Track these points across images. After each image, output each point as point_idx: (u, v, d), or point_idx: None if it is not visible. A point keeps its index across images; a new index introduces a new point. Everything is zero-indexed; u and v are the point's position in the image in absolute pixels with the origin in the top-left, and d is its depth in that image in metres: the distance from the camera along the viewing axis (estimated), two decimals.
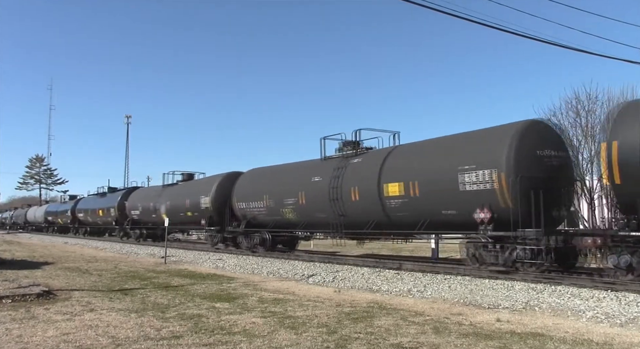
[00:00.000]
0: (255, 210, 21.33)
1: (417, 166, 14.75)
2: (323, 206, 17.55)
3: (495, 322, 8.18)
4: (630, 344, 6.79)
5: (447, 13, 11.30)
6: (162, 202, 29.38)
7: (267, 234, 20.92)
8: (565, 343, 6.75)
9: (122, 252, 26.53)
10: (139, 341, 6.75)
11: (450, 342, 6.76)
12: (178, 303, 9.93)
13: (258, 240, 21.31)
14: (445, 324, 7.99)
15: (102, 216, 39.28)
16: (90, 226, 43.96)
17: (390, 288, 12.14)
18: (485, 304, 9.88)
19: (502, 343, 6.75)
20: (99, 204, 40.26)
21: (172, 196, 28.76)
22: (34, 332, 7.31)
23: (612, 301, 9.24)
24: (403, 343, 6.69)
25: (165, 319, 8.30)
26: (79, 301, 10.15)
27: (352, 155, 17.62)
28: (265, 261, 18.52)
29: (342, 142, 18.53)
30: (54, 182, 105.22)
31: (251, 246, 21.70)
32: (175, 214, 27.01)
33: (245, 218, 22.03)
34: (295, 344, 6.63)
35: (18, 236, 51.95)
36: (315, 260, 18.04)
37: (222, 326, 7.73)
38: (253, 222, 21.68)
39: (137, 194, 35.16)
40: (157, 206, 29.83)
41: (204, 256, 21.33)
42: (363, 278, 13.65)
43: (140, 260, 21.89)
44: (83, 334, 7.19)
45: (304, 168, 19.72)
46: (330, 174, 17.42)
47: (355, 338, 6.98)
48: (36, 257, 22.04)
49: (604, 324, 8.10)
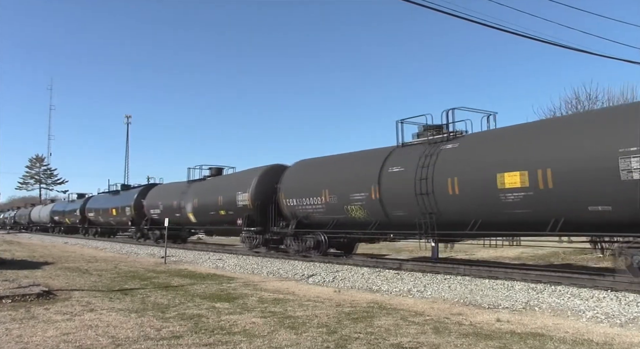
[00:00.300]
0: (310, 208, 18.36)
1: (548, 150, 11.65)
2: (405, 202, 14.61)
3: (495, 322, 8.18)
4: (630, 344, 6.79)
5: (447, 13, 11.31)
6: (188, 200, 26.42)
7: (322, 235, 17.98)
8: (565, 343, 6.75)
9: (122, 252, 26.52)
10: (139, 341, 6.75)
11: (450, 342, 6.76)
12: (178, 303, 9.93)
13: (312, 243, 18.29)
14: (445, 324, 7.99)
15: (115, 216, 36.42)
16: (101, 227, 41.36)
17: (390, 288, 12.14)
18: (485, 304, 9.88)
19: (502, 343, 6.75)
20: (112, 203, 37.36)
21: (200, 193, 25.77)
22: (34, 332, 7.31)
23: (612, 301, 9.24)
24: (403, 343, 6.69)
25: (165, 319, 8.30)
26: (79, 301, 10.15)
27: (443, 140, 14.55)
28: (265, 261, 18.52)
29: (424, 125, 15.75)
30: (54, 182, 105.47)
31: (302, 249, 18.80)
32: (205, 213, 24.70)
33: (296, 217, 19.02)
34: (295, 344, 6.63)
35: (18, 236, 51.92)
36: (315, 260, 18.02)
37: (222, 326, 7.73)
38: (305, 222, 18.76)
39: (157, 191, 32.15)
40: (182, 205, 26.88)
41: (204, 256, 21.32)
42: (363, 278, 13.64)
43: (140, 260, 21.88)
44: (83, 334, 7.19)
45: (376, 156, 16.40)
46: (416, 163, 14.38)
47: (355, 338, 6.98)
48: (36, 257, 22.03)
49: (604, 324, 8.10)
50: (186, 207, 26.45)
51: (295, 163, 20.64)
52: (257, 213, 20.79)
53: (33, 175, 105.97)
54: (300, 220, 18.88)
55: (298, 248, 19.02)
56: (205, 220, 24.98)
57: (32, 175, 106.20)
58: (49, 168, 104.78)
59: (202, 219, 25.37)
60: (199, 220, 25.82)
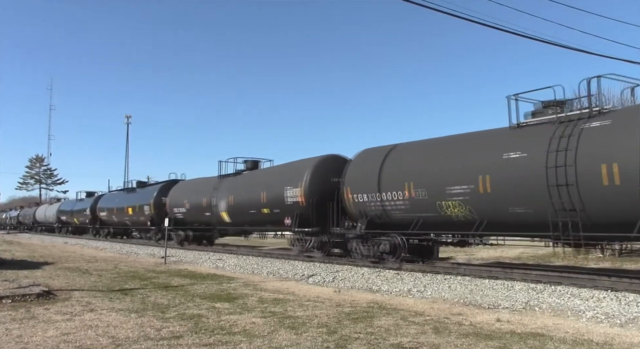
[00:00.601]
0: (386, 205, 15.28)
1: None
2: (528, 196, 11.75)
3: (495, 322, 8.18)
4: (630, 344, 6.79)
5: (447, 13, 11.31)
6: (221, 197, 23.46)
7: (399, 238, 15.11)
8: (565, 343, 6.75)
9: (122, 252, 26.52)
10: (139, 341, 6.75)
11: (450, 342, 6.76)
12: (178, 303, 9.93)
13: (387, 247, 15.38)
14: (445, 324, 7.99)
15: (131, 216, 33.26)
16: (114, 227, 38.12)
17: (390, 288, 12.14)
18: (485, 304, 9.88)
19: (502, 343, 6.75)
20: (128, 201, 34.21)
21: (236, 189, 22.79)
22: (34, 332, 7.31)
23: (612, 301, 9.24)
24: (403, 343, 6.69)
25: (165, 319, 8.30)
26: (79, 301, 10.15)
27: (583, 117, 11.48)
28: (265, 261, 18.52)
29: (543, 102, 12.82)
30: (54, 182, 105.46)
31: (373, 254, 15.88)
32: (242, 212, 21.87)
33: (365, 216, 15.98)
34: (295, 344, 6.63)
35: (18, 236, 51.87)
36: (315, 260, 18.02)
37: (222, 326, 7.73)
38: (378, 221, 15.81)
39: (182, 188, 28.90)
40: (214, 203, 23.93)
41: (204, 256, 21.32)
42: (363, 278, 13.64)
43: (140, 260, 21.88)
44: (83, 334, 7.19)
45: (484, 140, 13.59)
46: (544, 147, 11.53)
47: (355, 338, 6.98)
48: (36, 257, 22.03)
49: (604, 324, 8.10)
50: (219, 205, 23.55)
51: (361, 153, 17.48)
52: (311, 212, 17.91)
53: (33, 175, 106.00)
54: (372, 219, 15.89)
55: (368, 253, 16.10)
56: (242, 219, 22.30)
57: (32, 175, 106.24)
58: (49, 168, 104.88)
59: (238, 219, 22.60)
60: (234, 220, 23.02)
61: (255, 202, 20.88)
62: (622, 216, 10.28)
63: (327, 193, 17.71)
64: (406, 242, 15.07)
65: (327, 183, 18.00)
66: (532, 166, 11.71)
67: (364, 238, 16.29)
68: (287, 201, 18.95)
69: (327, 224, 17.67)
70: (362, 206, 16.12)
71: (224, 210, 23.13)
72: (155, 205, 30.09)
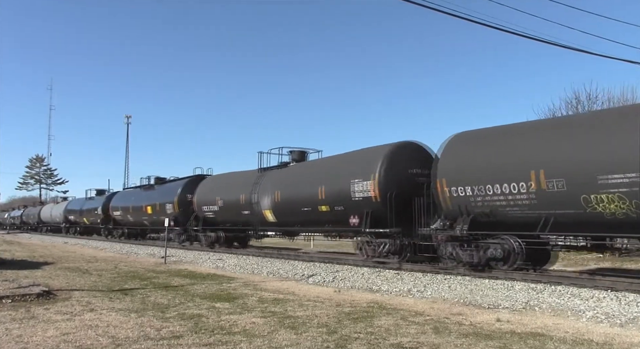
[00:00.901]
0: (500, 199, 12.40)
1: None
2: None
3: (495, 322, 8.19)
4: (630, 344, 6.79)
5: (447, 13, 11.32)
6: (264, 193, 20.62)
7: (515, 241, 12.33)
8: (565, 343, 6.75)
9: (122, 252, 26.52)
10: (139, 341, 6.75)
11: (450, 342, 6.76)
12: (178, 303, 9.94)
13: (499, 252, 12.53)
14: (445, 324, 7.99)
15: (150, 215, 30.42)
16: (129, 227, 35.50)
17: (390, 288, 12.15)
18: (485, 304, 9.88)
19: (502, 343, 6.76)
20: (146, 199, 31.36)
21: (284, 183, 19.88)
22: (34, 332, 7.31)
23: (612, 301, 9.25)
24: (403, 343, 6.69)
25: (165, 319, 8.30)
26: (79, 301, 10.15)
27: None
28: (265, 261, 18.52)
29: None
30: (54, 182, 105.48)
31: (480, 262, 13.00)
32: (293, 210, 18.99)
33: (467, 214, 13.15)
34: (295, 344, 6.63)
35: (18, 236, 51.84)
36: (315, 260, 18.02)
37: (222, 326, 7.74)
38: (482, 220, 12.93)
39: (212, 184, 26.03)
40: (255, 199, 21.02)
41: (204, 256, 21.32)
42: (363, 278, 13.65)
43: (140, 260, 21.89)
44: (83, 334, 7.19)
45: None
46: None
47: (355, 338, 6.98)
48: (36, 257, 22.03)
49: (604, 324, 8.10)
50: (261, 203, 20.63)
51: (456, 137, 14.39)
52: (387, 209, 14.99)
53: (33, 175, 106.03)
54: (475, 217, 13.04)
55: (470, 259, 13.19)
56: (292, 218, 19.38)
57: (32, 175, 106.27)
58: (49, 168, 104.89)
59: (286, 218, 19.71)
60: (281, 219, 20.13)
61: (309, 198, 17.92)
62: None
63: (406, 186, 15.02)
64: (523, 247, 12.24)
65: (405, 174, 15.41)
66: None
67: (463, 241, 13.36)
68: (355, 196, 16.09)
69: (408, 224, 14.81)
70: (463, 201, 13.19)
71: (268, 208, 20.18)
72: (179, 202, 27.17)
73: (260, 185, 21.05)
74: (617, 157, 10.41)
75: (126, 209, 34.51)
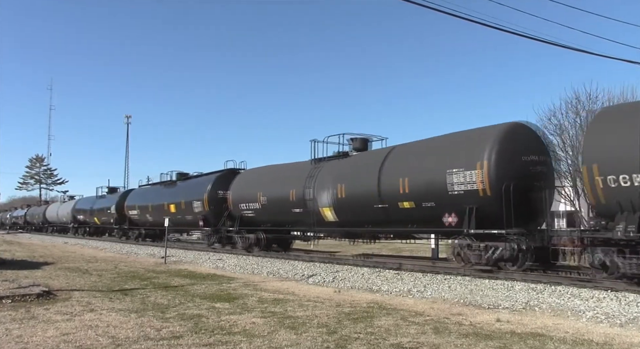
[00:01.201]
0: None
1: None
2: None
3: (495, 322, 8.19)
4: (630, 344, 6.79)
5: (447, 13, 11.30)
6: (322, 187, 17.63)
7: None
8: (565, 343, 6.75)
9: (122, 252, 26.52)
10: (139, 341, 6.75)
11: (450, 342, 6.76)
12: (178, 303, 9.94)
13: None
14: (445, 324, 7.99)
15: (174, 214, 27.04)
16: (146, 228, 32.57)
17: (390, 288, 12.15)
18: (485, 304, 9.88)
19: (502, 343, 6.75)
20: (169, 197, 28.55)
21: (348, 175, 17.00)
22: (34, 332, 7.31)
23: (612, 301, 9.25)
24: (403, 343, 6.69)
25: (165, 319, 8.30)
26: (79, 301, 10.15)
27: None
28: (265, 261, 18.50)
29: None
30: (54, 182, 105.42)
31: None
32: (363, 206, 16.02)
33: (634, 210, 10.17)
34: (295, 344, 6.63)
35: (18, 236, 51.81)
36: (315, 260, 18.01)
37: (222, 326, 7.74)
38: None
39: (248, 179, 22.97)
40: (310, 195, 18.04)
41: (204, 256, 21.31)
42: (363, 278, 13.64)
43: (140, 260, 21.88)
44: (83, 334, 7.19)
45: None
46: None
47: (355, 338, 6.98)
48: (36, 257, 22.03)
49: (604, 324, 8.10)
50: (318, 199, 17.67)
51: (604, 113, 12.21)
52: (499, 204, 12.29)
53: (33, 175, 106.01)
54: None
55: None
56: (360, 217, 16.46)
57: (32, 175, 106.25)
58: (49, 168, 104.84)
59: (352, 216, 16.76)
60: (344, 218, 17.08)
61: (387, 193, 15.18)
62: None
63: (522, 177, 12.55)
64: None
65: (519, 162, 12.80)
66: None
67: (625, 247, 10.26)
68: (452, 190, 13.26)
69: (524, 223, 12.35)
70: (625, 194, 10.17)
71: (328, 205, 17.27)
72: (210, 200, 24.00)
73: (315, 178, 17.90)
74: None
75: (144, 208, 31.51)
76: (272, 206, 20.27)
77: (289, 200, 19.07)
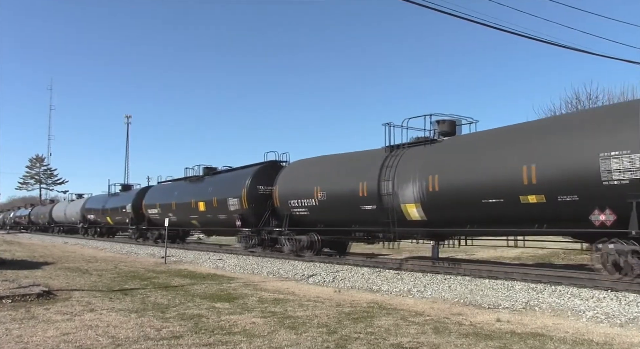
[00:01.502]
0: None
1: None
2: None
3: (495, 322, 8.19)
4: (631, 344, 6.79)
5: (447, 13, 11.30)
6: (404, 179, 14.68)
7: None
8: (565, 343, 6.75)
9: (122, 252, 26.52)
10: (139, 341, 6.75)
11: (450, 342, 6.76)
12: (178, 303, 9.94)
13: None
14: (445, 324, 7.99)
15: (204, 213, 24.53)
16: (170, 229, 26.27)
17: (390, 288, 12.15)
18: (485, 304, 9.88)
19: (502, 343, 6.75)
20: (197, 193, 25.43)
21: (440, 165, 14.02)
22: (34, 332, 7.31)
23: (612, 301, 9.24)
24: (403, 343, 6.69)
25: (165, 319, 8.30)
26: (79, 301, 10.15)
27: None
28: (265, 261, 18.49)
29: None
30: (54, 182, 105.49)
31: None
32: (467, 202, 13.09)
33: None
34: (295, 344, 6.63)
35: (18, 236, 51.79)
36: (315, 260, 17.99)
37: (222, 326, 7.74)
38: None
39: (300, 171, 19.77)
40: (387, 189, 15.06)
41: (204, 256, 21.31)
42: (363, 278, 13.64)
43: (140, 260, 21.88)
44: (83, 334, 7.19)
45: None
46: None
47: (355, 338, 6.98)
48: (36, 257, 22.03)
49: (604, 324, 8.10)
50: (399, 193, 14.77)
51: None
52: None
53: (33, 175, 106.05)
54: None
55: None
56: (460, 215, 13.50)
57: (32, 175, 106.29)
58: (49, 168, 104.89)
59: (449, 213, 13.75)
60: (435, 216, 14.20)
61: (504, 184, 12.29)
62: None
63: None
64: None
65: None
66: None
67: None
68: (609, 179, 10.44)
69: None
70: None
71: (413, 201, 14.41)
72: (249, 197, 20.91)
73: (394, 168, 15.02)
74: None
75: (166, 207, 28.27)
76: (334, 202, 17.17)
77: (358, 195, 16.06)
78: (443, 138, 15.20)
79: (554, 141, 11.73)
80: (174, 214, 27.33)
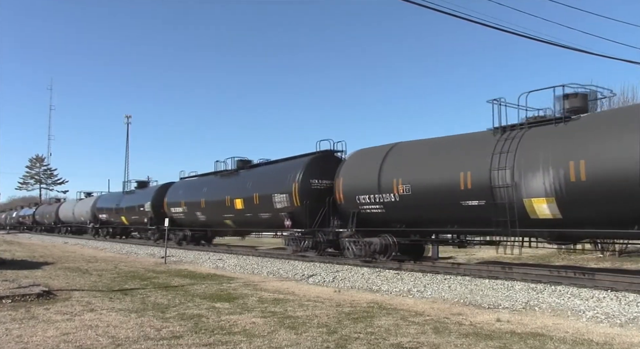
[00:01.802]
0: None
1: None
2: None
3: (495, 322, 8.19)
4: (630, 344, 6.79)
5: (447, 13, 11.30)
6: (529, 168, 11.80)
7: None
8: (565, 343, 6.75)
9: (122, 252, 26.52)
10: (139, 341, 6.75)
11: (450, 342, 6.76)
12: (178, 303, 9.94)
13: None
14: (445, 324, 7.99)
15: (240, 211, 21.60)
16: (194, 229, 26.70)
17: (390, 288, 12.15)
18: (485, 304, 9.88)
19: (502, 343, 6.75)
20: (230, 190, 22.48)
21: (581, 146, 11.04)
22: (34, 332, 7.31)
23: (612, 301, 9.24)
24: (403, 343, 6.69)
25: (165, 319, 8.30)
26: (79, 301, 10.16)
27: None
28: (265, 261, 18.49)
29: None
30: (54, 182, 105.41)
31: None
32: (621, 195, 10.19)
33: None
34: (295, 344, 6.63)
35: (18, 236, 51.80)
36: (315, 260, 18.00)
37: (222, 326, 7.74)
38: None
39: (369, 161, 16.25)
40: (503, 180, 12.18)
41: (204, 256, 21.32)
42: (363, 278, 13.64)
43: (140, 260, 21.89)
44: (83, 334, 7.19)
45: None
46: None
47: (355, 338, 6.98)
48: (36, 257, 22.04)
49: (604, 324, 8.10)
50: (522, 186, 11.85)
51: None
52: None
53: (33, 175, 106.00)
54: None
55: None
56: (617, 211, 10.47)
57: (32, 175, 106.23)
58: (49, 168, 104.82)
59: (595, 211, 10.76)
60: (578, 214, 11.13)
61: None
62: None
63: None
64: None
65: None
66: None
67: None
68: None
69: None
70: None
71: (542, 195, 11.49)
72: (302, 192, 17.96)
73: (513, 154, 12.13)
74: None
75: (194, 205, 25.29)
76: (422, 198, 14.12)
77: (458, 188, 13.12)
78: (580, 116, 11.96)
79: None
80: (202, 213, 24.73)
